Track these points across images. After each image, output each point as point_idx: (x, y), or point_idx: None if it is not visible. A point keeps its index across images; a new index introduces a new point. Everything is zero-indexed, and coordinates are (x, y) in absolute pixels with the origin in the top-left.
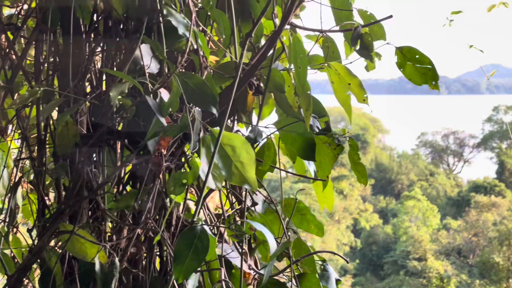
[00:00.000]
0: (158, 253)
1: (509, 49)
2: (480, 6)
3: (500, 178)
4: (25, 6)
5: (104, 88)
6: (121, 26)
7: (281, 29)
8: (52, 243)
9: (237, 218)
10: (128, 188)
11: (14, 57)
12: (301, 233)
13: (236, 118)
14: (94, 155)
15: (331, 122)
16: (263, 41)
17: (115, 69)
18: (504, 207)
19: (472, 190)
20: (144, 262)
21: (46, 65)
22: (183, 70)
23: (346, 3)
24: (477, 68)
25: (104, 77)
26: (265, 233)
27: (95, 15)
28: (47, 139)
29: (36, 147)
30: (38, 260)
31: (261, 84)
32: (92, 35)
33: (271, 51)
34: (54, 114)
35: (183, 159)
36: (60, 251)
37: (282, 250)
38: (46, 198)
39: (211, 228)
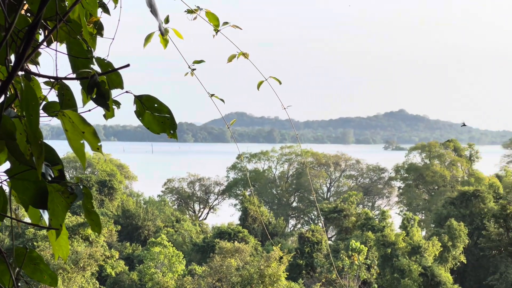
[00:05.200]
0: None
1: (253, 99)
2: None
3: (244, 224)
4: None
5: None
6: None
7: (11, 75)
8: None
9: None
10: None
11: None
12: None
13: None
14: None
15: (78, 167)
16: None
17: None
18: (247, 252)
19: (216, 236)
20: None
21: None
22: None
23: (83, 51)
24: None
25: None
26: None
27: None
28: None
29: None
30: None
31: None
32: None
33: (2, 98)
34: None
35: None
36: None
37: None
38: None
39: None
